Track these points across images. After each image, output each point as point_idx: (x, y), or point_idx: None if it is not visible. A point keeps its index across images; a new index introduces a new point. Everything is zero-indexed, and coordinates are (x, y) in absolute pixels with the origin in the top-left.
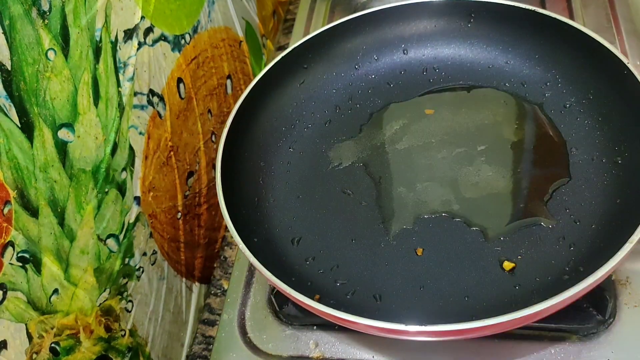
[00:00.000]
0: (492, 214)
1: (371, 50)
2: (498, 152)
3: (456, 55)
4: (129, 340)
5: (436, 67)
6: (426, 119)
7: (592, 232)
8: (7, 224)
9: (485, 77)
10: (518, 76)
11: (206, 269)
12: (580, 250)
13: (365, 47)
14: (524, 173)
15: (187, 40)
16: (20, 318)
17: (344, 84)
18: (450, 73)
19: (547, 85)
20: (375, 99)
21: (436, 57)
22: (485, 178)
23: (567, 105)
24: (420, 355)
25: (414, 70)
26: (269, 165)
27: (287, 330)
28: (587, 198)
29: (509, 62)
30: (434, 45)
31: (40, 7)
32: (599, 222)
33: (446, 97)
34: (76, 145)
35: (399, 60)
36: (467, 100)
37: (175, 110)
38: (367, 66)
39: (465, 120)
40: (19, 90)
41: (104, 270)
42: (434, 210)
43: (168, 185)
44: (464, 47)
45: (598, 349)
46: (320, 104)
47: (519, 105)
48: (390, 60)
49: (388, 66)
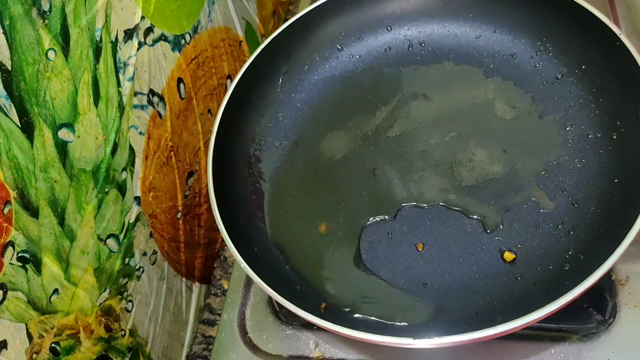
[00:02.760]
0: (489, 201)
1: (354, 30)
2: (491, 133)
3: (442, 28)
4: (129, 340)
5: (422, 42)
6: (416, 101)
7: (592, 216)
8: (7, 224)
9: (473, 48)
10: (507, 46)
11: (206, 269)
12: (580, 236)
13: (347, 28)
14: (518, 154)
15: (187, 40)
16: (21, 318)
17: (329, 68)
18: (437, 47)
19: (537, 55)
20: (362, 82)
21: (421, 31)
22: (480, 162)
23: (558, 76)
24: (421, 356)
25: (399, 46)
26: (261, 164)
27: (287, 330)
28: (585, 178)
29: (496, 31)
30: (417, 19)
31: (41, 7)
32: (598, 204)
33: (434, 76)
34: (76, 145)
35: (383, 38)
36: (456, 78)
37: (176, 110)
38: (351, 47)
39: (456, 100)
40: (19, 90)
41: (104, 270)
42: (432, 200)
43: (168, 185)
44: (449, 19)
45: (598, 349)
46: (306, 92)
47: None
48: (374, 38)
49: (372, 45)
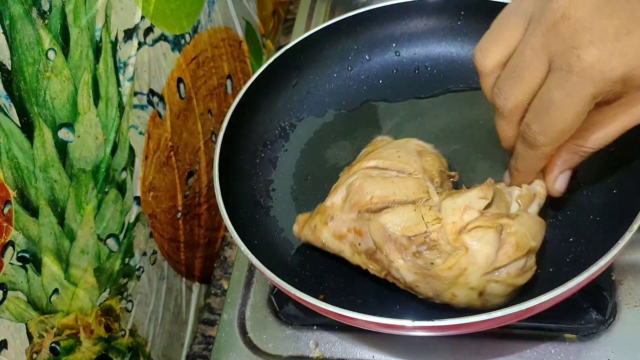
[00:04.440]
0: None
1: (363, 50)
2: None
3: (448, 53)
4: (129, 340)
5: (428, 66)
6: (420, 117)
7: (591, 224)
8: (7, 224)
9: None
10: None
11: (206, 269)
12: (580, 242)
13: (356, 48)
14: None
15: (187, 40)
16: (21, 318)
17: (337, 84)
18: (442, 71)
19: None
20: (368, 100)
21: (428, 56)
22: (481, 173)
23: None
24: (420, 355)
25: (406, 69)
26: (265, 168)
27: (287, 330)
28: (584, 189)
29: None
30: (425, 44)
31: (41, 7)
32: (597, 214)
33: (439, 96)
34: (76, 145)
35: (390, 60)
36: (461, 98)
37: (175, 110)
38: (359, 66)
39: (459, 117)
40: (19, 90)
41: (104, 270)
42: None
43: (168, 185)
44: (455, 45)
45: (598, 349)
46: (314, 105)
47: None
48: (382, 59)
49: (380, 66)
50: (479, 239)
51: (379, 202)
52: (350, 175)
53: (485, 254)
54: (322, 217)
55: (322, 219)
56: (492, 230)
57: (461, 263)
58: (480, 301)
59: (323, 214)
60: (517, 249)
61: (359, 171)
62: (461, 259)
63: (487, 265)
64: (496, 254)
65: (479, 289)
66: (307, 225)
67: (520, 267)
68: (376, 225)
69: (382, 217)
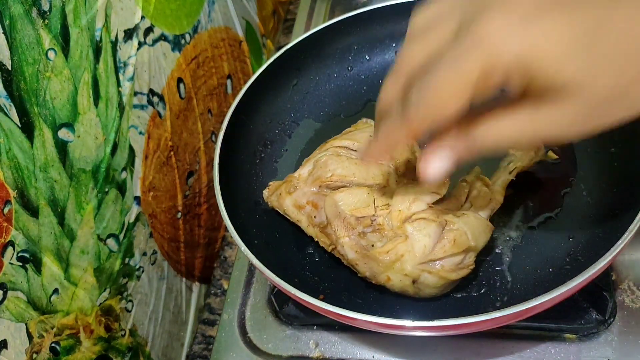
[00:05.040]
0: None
1: (363, 50)
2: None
3: None
4: (129, 340)
5: None
6: None
7: (591, 223)
8: (7, 224)
9: None
10: None
11: (206, 268)
12: (580, 241)
13: (356, 48)
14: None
15: (187, 40)
16: (21, 318)
17: (337, 84)
18: None
19: None
20: (368, 100)
21: None
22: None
23: None
24: (420, 355)
25: None
26: (265, 168)
27: (287, 330)
28: (584, 189)
29: None
30: None
31: (41, 7)
32: (597, 213)
33: None
34: (76, 145)
35: (390, 60)
36: None
37: (175, 110)
38: (359, 66)
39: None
40: (19, 90)
41: (104, 270)
42: None
43: (168, 185)
44: None
45: (598, 349)
46: (314, 105)
47: None
48: (382, 59)
49: (380, 66)
50: (420, 229)
51: (338, 180)
52: (322, 151)
53: (422, 245)
54: (288, 186)
55: (287, 188)
56: (434, 224)
57: (399, 249)
58: (414, 289)
59: (289, 183)
60: (454, 246)
61: (331, 148)
62: (399, 246)
63: (423, 255)
64: (433, 246)
65: (413, 277)
66: (276, 192)
67: (456, 263)
68: (330, 202)
69: (337, 195)
